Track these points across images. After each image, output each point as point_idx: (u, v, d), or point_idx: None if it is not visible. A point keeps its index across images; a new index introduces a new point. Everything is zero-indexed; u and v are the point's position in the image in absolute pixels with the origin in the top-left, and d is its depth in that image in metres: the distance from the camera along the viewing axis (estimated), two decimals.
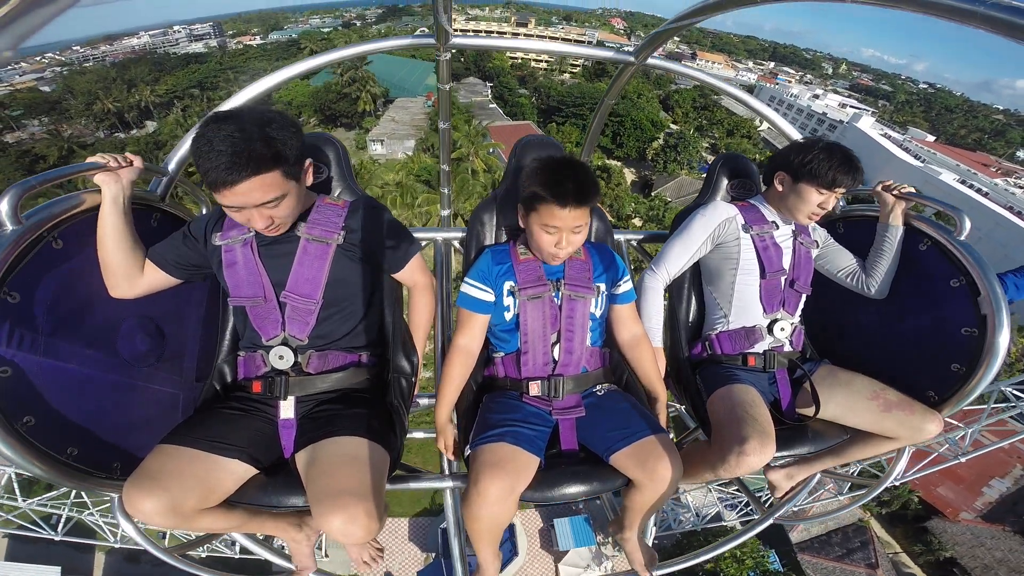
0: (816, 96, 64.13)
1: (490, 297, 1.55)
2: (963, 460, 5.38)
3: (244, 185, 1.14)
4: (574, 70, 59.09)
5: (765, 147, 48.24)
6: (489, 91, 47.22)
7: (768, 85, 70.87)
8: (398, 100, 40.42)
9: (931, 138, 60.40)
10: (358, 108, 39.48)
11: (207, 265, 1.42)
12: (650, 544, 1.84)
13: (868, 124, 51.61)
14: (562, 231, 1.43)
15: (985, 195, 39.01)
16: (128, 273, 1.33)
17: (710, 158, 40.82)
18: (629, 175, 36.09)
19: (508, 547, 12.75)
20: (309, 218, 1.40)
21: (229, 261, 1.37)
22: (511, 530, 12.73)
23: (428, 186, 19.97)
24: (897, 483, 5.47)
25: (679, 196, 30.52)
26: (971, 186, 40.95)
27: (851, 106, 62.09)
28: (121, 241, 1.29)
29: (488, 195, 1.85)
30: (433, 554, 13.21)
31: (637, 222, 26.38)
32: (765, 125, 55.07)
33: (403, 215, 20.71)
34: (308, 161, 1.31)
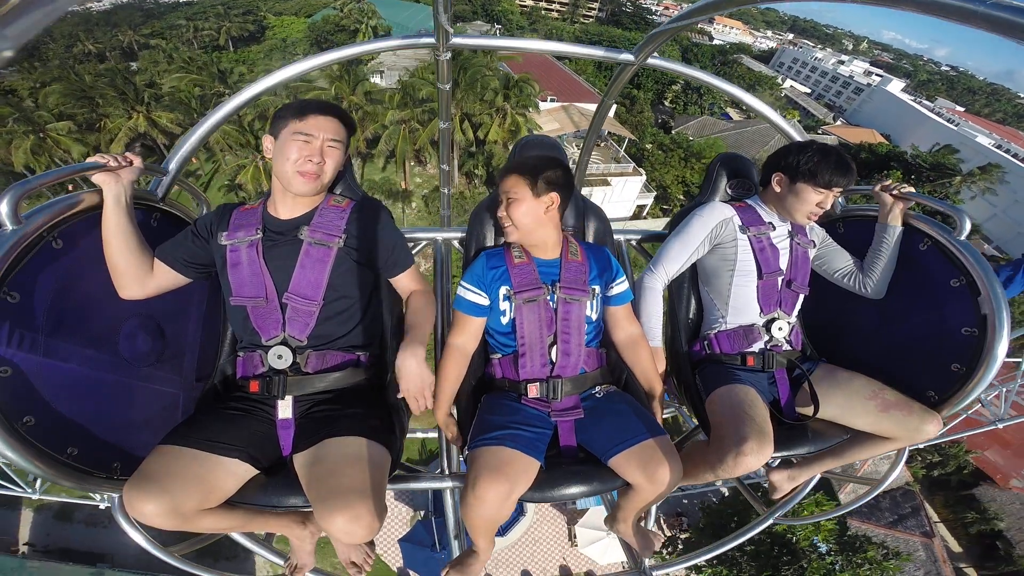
0: (841, 61, 61.08)
1: (484, 301, 1.55)
2: (1001, 426, 5.15)
3: (329, 120, 1.40)
4: (586, 21, 55.90)
5: (788, 105, 45.64)
6: (498, 32, 44.32)
7: (791, 47, 67.63)
8: None
9: (960, 108, 57.77)
10: (357, 40, 36.86)
11: (214, 263, 1.44)
12: (652, 528, 1.95)
13: (898, 88, 48.94)
14: (502, 199, 1.57)
15: (1022, 160, 36.79)
16: (136, 273, 1.34)
17: (730, 110, 39.00)
18: (648, 110, 33.69)
19: None
20: (312, 221, 1.43)
21: (234, 261, 1.40)
22: None
23: (432, 84, 18.05)
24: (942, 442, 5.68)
25: (701, 134, 28.26)
26: (1007, 151, 38.63)
27: (876, 74, 59.08)
28: (127, 242, 1.30)
29: (488, 195, 1.85)
30: (423, 512, 11.87)
31: (661, 153, 24.10)
32: (788, 83, 52.18)
33: (403, 115, 18.77)
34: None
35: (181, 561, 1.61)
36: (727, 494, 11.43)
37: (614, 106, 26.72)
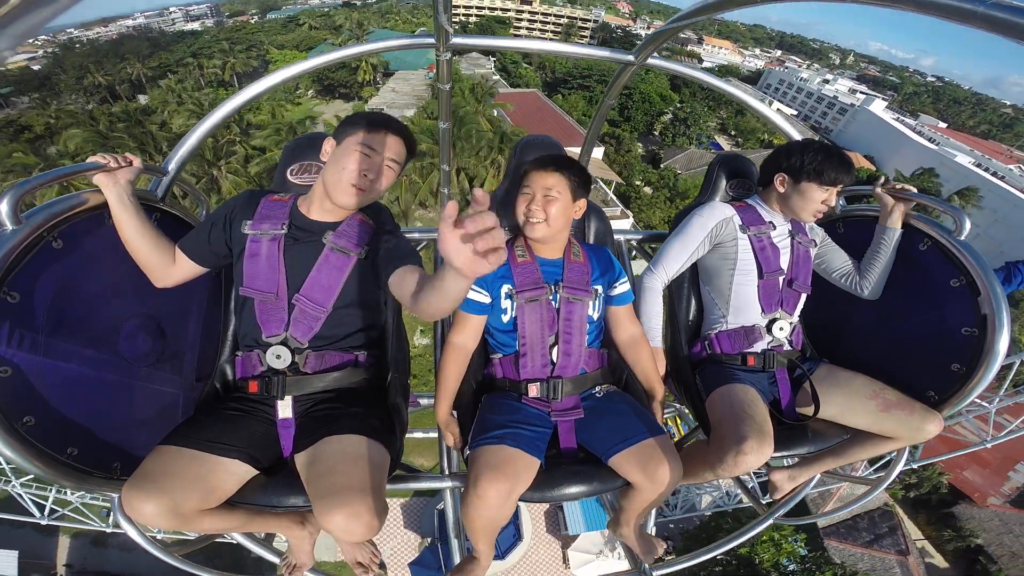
0: (826, 81, 62.90)
1: (486, 299, 1.55)
2: (989, 445, 5.35)
3: (397, 140, 1.42)
4: None
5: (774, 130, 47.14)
6: (492, 64, 45.97)
7: (777, 69, 69.61)
8: (398, 72, 39.34)
9: (943, 124, 59.38)
10: (357, 78, 38.41)
11: (231, 254, 1.44)
12: (652, 533, 1.89)
13: (880, 108, 50.51)
14: (535, 193, 1.52)
15: (1001, 178, 38.13)
16: (160, 265, 1.38)
17: (719, 138, 40.46)
18: (636, 150, 35.04)
19: (512, 531, 12.15)
20: (339, 229, 1.43)
21: (252, 252, 1.40)
22: (515, 512, 12.00)
23: (431, 137, 19.13)
24: (915, 465, 6.00)
25: (688, 168, 29.65)
26: (986, 169, 40.00)
27: (861, 92, 60.86)
28: (144, 237, 1.33)
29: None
30: (429, 539, 12.59)
31: (648, 190, 25.37)
32: (775, 106, 53.90)
33: (406, 168, 19.72)
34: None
35: (181, 561, 1.60)
36: (708, 516, 12.45)
37: (601, 148, 28.03)
